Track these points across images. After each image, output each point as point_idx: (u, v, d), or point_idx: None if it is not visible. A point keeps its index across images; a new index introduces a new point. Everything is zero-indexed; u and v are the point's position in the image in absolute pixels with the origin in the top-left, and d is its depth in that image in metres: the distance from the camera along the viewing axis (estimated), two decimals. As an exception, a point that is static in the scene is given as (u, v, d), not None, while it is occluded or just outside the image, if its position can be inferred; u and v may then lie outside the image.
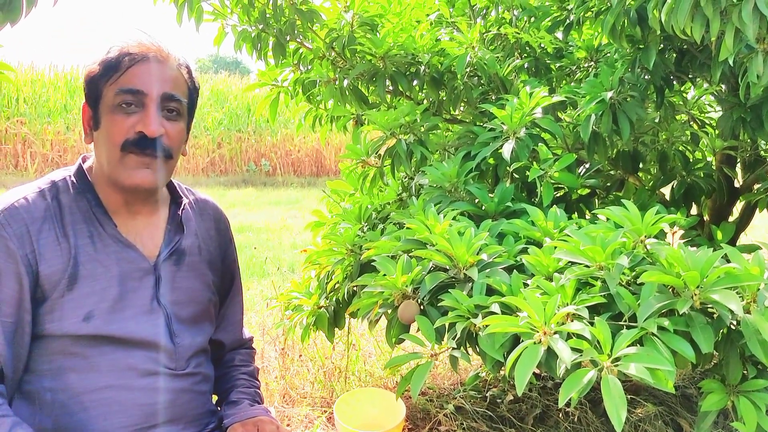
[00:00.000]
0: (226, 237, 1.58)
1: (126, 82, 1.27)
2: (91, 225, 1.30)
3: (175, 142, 1.34)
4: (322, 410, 2.42)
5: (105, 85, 1.29)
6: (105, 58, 1.31)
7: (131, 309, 1.30)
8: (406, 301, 1.50)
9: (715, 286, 1.20)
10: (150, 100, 1.28)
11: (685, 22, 1.55)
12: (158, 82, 1.30)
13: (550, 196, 1.77)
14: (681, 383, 2.59)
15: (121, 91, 1.27)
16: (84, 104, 1.35)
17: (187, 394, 1.37)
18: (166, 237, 1.41)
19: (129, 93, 1.27)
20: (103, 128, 1.29)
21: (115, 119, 1.27)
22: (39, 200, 1.28)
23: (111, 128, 1.28)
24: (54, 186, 1.33)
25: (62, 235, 1.26)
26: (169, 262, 1.39)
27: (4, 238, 1.21)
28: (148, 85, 1.29)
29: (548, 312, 1.19)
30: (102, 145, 1.30)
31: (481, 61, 2.10)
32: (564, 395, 1.10)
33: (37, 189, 1.31)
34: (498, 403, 2.35)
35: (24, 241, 1.23)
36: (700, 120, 2.51)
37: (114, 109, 1.28)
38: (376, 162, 2.20)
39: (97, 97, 1.30)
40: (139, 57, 1.30)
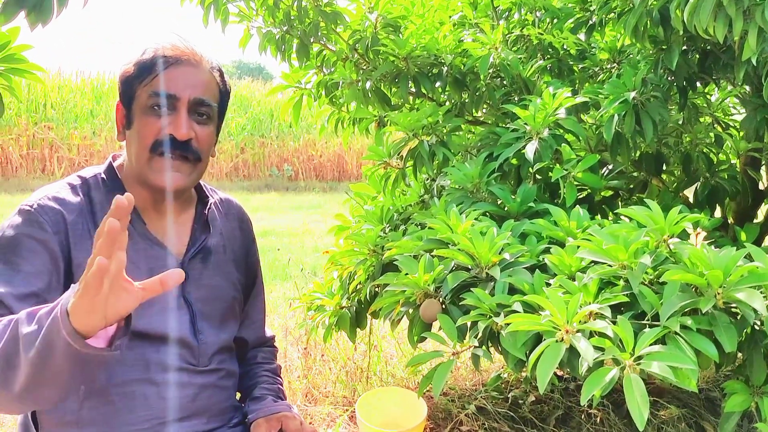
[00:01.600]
0: (250, 236, 1.60)
1: (159, 85, 1.30)
2: None
3: (205, 145, 1.37)
4: (344, 409, 2.43)
5: (138, 86, 1.32)
6: (140, 59, 1.33)
7: (157, 305, 1.32)
8: (428, 299, 1.51)
9: (738, 285, 1.19)
10: (181, 103, 1.31)
11: (708, 21, 1.54)
12: (190, 86, 1.32)
13: (573, 197, 1.77)
14: (705, 386, 2.57)
15: (153, 94, 1.30)
16: (118, 102, 1.37)
17: (210, 389, 1.39)
18: (193, 236, 1.43)
19: (161, 96, 1.30)
20: (135, 128, 1.32)
21: (147, 121, 1.30)
22: (72, 195, 1.31)
23: (142, 129, 1.31)
24: (85, 183, 1.35)
25: (93, 230, 1.28)
26: (195, 260, 1.41)
27: (41, 222, 1.24)
28: (180, 88, 1.31)
29: (570, 310, 1.19)
30: (133, 144, 1.33)
31: (504, 62, 2.10)
32: (586, 393, 1.10)
33: (69, 185, 1.34)
34: (520, 404, 2.35)
35: (59, 227, 1.25)
36: (725, 122, 2.49)
37: (146, 111, 1.30)
38: (398, 164, 2.21)
39: (130, 97, 1.33)
40: (172, 60, 1.32)
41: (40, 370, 0.99)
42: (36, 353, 0.97)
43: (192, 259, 1.40)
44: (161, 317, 1.32)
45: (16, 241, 1.22)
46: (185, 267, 1.37)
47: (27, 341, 0.99)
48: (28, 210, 1.25)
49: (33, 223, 1.24)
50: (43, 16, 1.38)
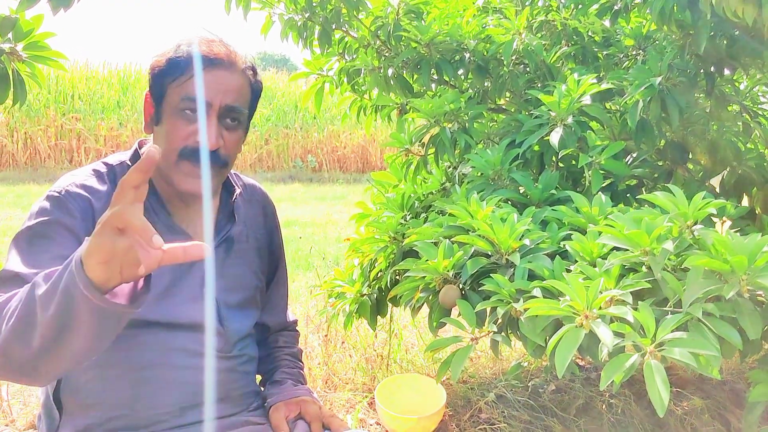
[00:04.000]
0: (273, 222, 1.60)
1: (191, 89, 1.27)
2: (146, 212, 1.31)
3: (232, 151, 1.34)
4: (363, 395, 2.43)
5: (170, 85, 1.29)
6: (173, 56, 1.29)
7: (180, 295, 1.32)
8: (447, 285, 1.50)
9: (763, 272, 1.17)
10: (213, 110, 1.28)
11: (737, 3, 1.51)
12: (222, 92, 1.28)
13: (599, 184, 1.75)
14: (729, 377, 2.54)
15: (185, 98, 1.26)
16: (147, 94, 1.35)
17: (232, 374, 1.39)
18: (218, 225, 1.43)
19: (193, 101, 1.26)
20: (164, 128, 1.30)
21: (177, 124, 1.28)
22: (98, 182, 1.31)
23: (171, 132, 1.28)
24: (111, 170, 1.35)
25: None
26: (219, 250, 1.41)
27: (70, 209, 1.24)
28: (213, 94, 1.27)
29: (590, 296, 1.18)
30: (160, 142, 1.31)
31: (528, 48, 2.08)
32: (605, 379, 1.09)
33: (96, 172, 1.34)
34: (540, 393, 2.33)
35: (87, 214, 1.25)
36: (753, 111, 2.45)
37: (176, 113, 1.28)
38: (419, 151, 2.19)
39: (161, 94, 1.30)
40: (206, 62, 1.28)
41: (60, 327, 0.95)
42: (54, 310, 0.94)
43: (216, 249, 1.40)
44: (185, 307, 1.32)
45: (44, 226, 1.22)
46: None
47: (45, 300, 0.96)
48: (56, 196, 1.26)
49: (62, 208, 1.24)
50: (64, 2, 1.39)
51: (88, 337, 0.98)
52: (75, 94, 13.83)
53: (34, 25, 1.60)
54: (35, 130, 12.93)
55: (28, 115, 12.92)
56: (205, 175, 1.29)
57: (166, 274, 1.30)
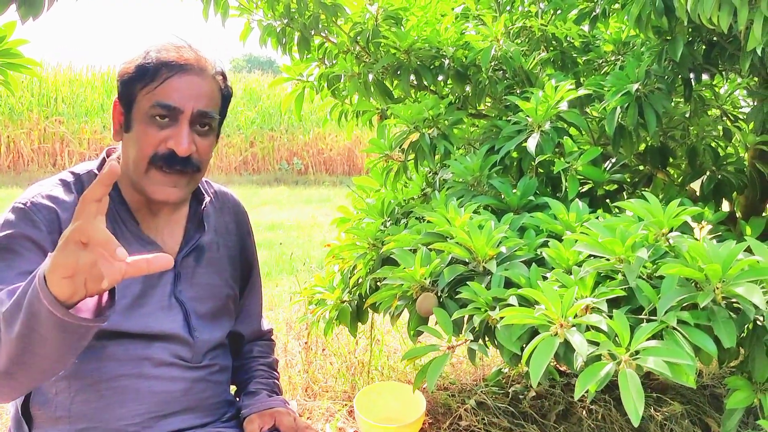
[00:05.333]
0: (245, 229, 1.58)
1: (162, 95, 1.25)
2: (114, 222, 1.30)
3: (205, 156, 1.33)
4: (343, 404, 2.42)
5: (139, 92, 1.27)
6: (142, 63, 1.28)
7: (150, 306, 1.31)
8: (424, 293, 1.50)
9: (738, 280, 1.17)
10: (184, 117, 1.27)
11: (712, 10, 1.51)
12: (194, 98, 1.27)
13: (575, 190, 1.75)
14: (709, 382, 2.54)
15: (156, 105, 1.25)
16: (116, 101, 1.33)
17: (202, 384, 1.38)
18: (187, 234, 1.41)
19: (164, 107, 1.25)
20: (134, 135, 1.28)
21: (147, 131, 1.26)
22: (65, 193, 1.29)
23: (141, 138, 1.26)
24: (78, 179, 1.33)
25: None
26: (188, 259, 1.40)
27: (35, 221, 1.22)
28: (184, 101, 1.26)
29: (565, 304, 1.17)
30: (130, 150, 1.29)
31: (506, 54, 2.08)
32: (580, 388, 1.09)
33: (62, 182, 1.31)
34: (520, 399, 2.33)
35: (54, 226, 1.23)
36: (733, 115, 2.46)
37: (147, 119, 1.26)
38: (399, 156, 2.19)
39: (130, 101, 1.29)
40: (176, 68, 1.27)
41: (26, 344, 0.96)
42: (20, 327, 0.94)
43: (185, 258, 1.39)
44: (153, 317, 1.31)
45: (9, 239, 1.20)
46: (178, 266, 1.36)
47: (8, 317, 0.96)
48: (21, 208, 1.23)
49: (27, 221, 1.22)
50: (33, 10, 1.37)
51: (54, 352, 0.98)
52: (58, 97, 13.74)
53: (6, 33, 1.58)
54: (18, 133, 12.83)
55: (11, 119, 12.83)
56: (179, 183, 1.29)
57: (135, 285, 1.29)
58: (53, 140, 13.22)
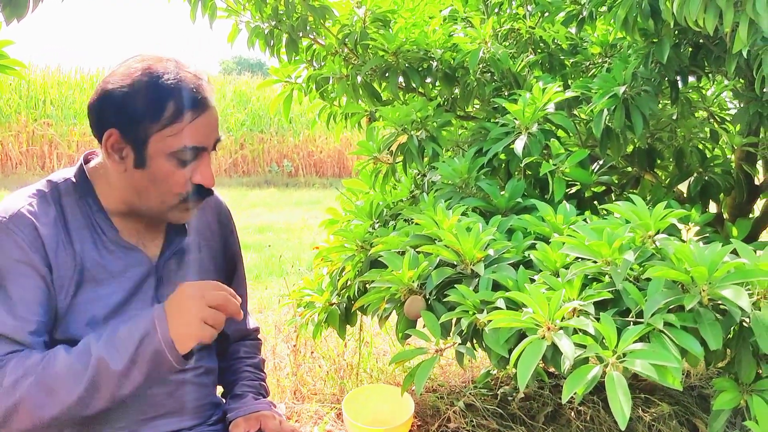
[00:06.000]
0: (228, 228, 1.57)
1: (190, 138, 1.22)
2: (93, 231, 1.28)
3: None
4: (331, 406, 2.42)
5: (158, 132, 1.21)
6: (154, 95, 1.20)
7: (132, 311, 1.30)
8: (412, 296, 1.49)
9: (724, 282, 1.17)
10: (208, 152, 1.27)
11: (698, 12, 1.52)
12: (214, 131, 1.27)
13: (561, 192, 1.75)
14: (697, 383, 2.55)
15: (185, 149, 1.22)
16: (114, 133, 1.22)
17: (188, 386, 1.37)
18: (168, 237, 1.40)
19: (193, 150, 1.23)
20: (152, 173, 1.24)
21: (173, 173, 1.24)
22: (44, 205, 1.26)
23: (166, 181, 1.24)
24: (56, 189, 1.29)
25: (68, 241, 1.24)
26: (171, 263, 1.38)
27: (19, 243, 1.19)
28: (209, 138, 1.25)
29: (552, 307, 1.18)
30: (148, 186, 1.26)
31: (493, 57, 2.08)
32: (567, 391, 1.09)
33: (38, 193, 1.28)
34: (509, 401, 2.33)
35: (37, 246, 1.21)
36: (720, 117, 2.47)
37: (170, 160, 1.23)
38: (388, 159, 2.19)
39: (141, 138, 1.22)
40: (200, 108, 1.23)
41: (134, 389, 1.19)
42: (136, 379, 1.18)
43: (167, 262, 1.38)
44: None
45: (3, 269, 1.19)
46: (160, 270, 1.35)
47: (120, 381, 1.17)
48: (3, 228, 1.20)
49: (11, 243, 1.19)
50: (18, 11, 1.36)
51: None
52: (47, 99, 13.67)
53: (-10, 35, 1.57)
54: (6, 135, 12.76)
55: (-1, 121, 12.76)
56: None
57: (117, 294, 1.28)
58: (42, 143, 13.15)
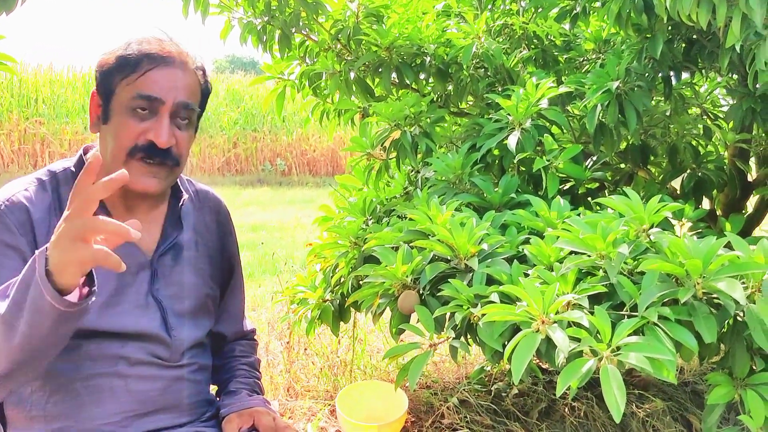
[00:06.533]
0: (226, 228, 1.56)
1: (143, 86, 1.25)
2: None
3: (184, 150, 1.33)
4: (325, 403, 2.41)
5: (119, 83, 1.26)
6: (123, 54, 1.27)
7: (125, 304, 1.29)
8: (405, 291, 1.49)
9: (718, 275, 1.17)
10: (165, 108, 1.26)
11: (691, 7, 1.52)
12: (174, 89, 1.27)
13: (555, 187, 1.75)
14: (691, 378, 2.56)
15: (137, 96, 1.24)
16: (94, 92, 1.31)
17: (181, 383, 1.36)
18: (164, 232, 1.39)
19: (145, 99, 1.24)
20: (112, 126, 1.27)
21: (127, 123, 1.25)
22: (40, 192, 1.27)
23: (121, 130, 1.25)
24: (54, 178, 1.31)
25: None
26: (166, 257, 1.38)
27: (8, 225, 1.21)
28: (165, 92, 1.26)
29: (546, 300, 1.17)
30: (108, 141, 1.28)
31: (487, 52, 2.08)
32: (561, 384, 1.08)
33: (37, 181, 1.30)
34: (503, 397, 2.33)
35: (26, 229, 1.22)
36: (713, 113, 2.47)
37: (127, 111, 1.25)
38: (381, 155, 2.18)
39: (109, 92, 1.27)
40: (158, 60, 1.26)
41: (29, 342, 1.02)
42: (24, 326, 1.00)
43: (162, 256, 1.37)
44: (130, 316, 1.29)
45: None
46: (154, 264, 1.35)
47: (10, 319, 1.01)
48: None
49: (2, 225, 1.21)
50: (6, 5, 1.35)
51: (52, 345, 1.06)
52: (39, 98, 13.61)
53: (-20, 29, 1.55)
54: (-2, 134, 12.71)
55: (-10, 120, 12.70)
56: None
57: (109, 283, 1.27)
58: (33, 141, 13.09)
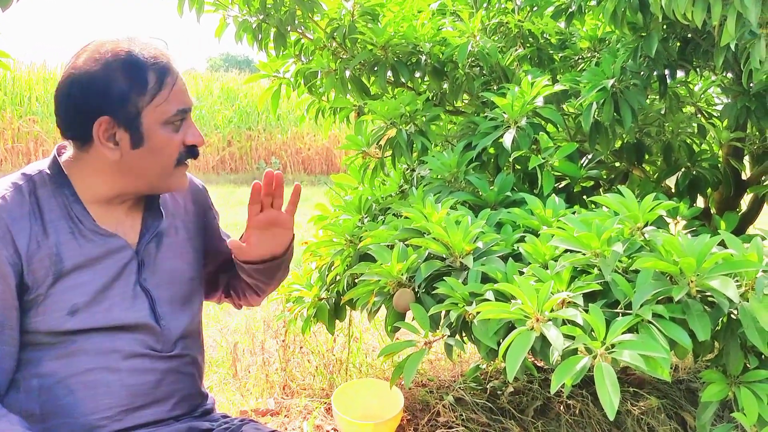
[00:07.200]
0: (205, 204, 1.57)
1: (177, 101, 1.27)
2: (69, 221, 1.28)
3: None
4: (321, 401, 2.41)
5: (147, 105, 1.24)
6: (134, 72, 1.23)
7: (115, 297, 1.29)
8: (401, 289, 1.49)
9: (712, 273, 1.18)
10: (190, 112, 1.32)
11: (686, 6, 1.52)
12: (188, 92, 1.32)
13: (550, 185, 1.75)
14: (685, 376, 2.56)
15: (177, 112, 1.27)
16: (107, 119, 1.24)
17: (173, 375, 1.36)
18: (145, 223, 1.40)
19: (184, 112, 1.29)
20: (152, 147, 1.27)
21: (170, 138, 1.28)
22: (17, 198, 1.25)
23: (165, 147, 1.28)
24: (30, 181, 1.29)
25: (43, 232, 1.24)
26: (150, 246, 1.38)
27: None
28: (189, 99, 1.31)
29: (541, 298, 1.18)
30: (149, 162, 1.29)
31: (482, 51, 2.08)
32: (556, 382, 1.09)
33: (13, 186, 1.27)
34: (498, 395, 2.33)
35: (6, 241, 1.20)
36: (708, 112, 2.48)
37: (165, 128, 1.27)
38: (377, 153, 2.18)
39: (133, 115, 1.24)
40: (175, 71, 1.29)
41: None
42: None
43: (147, 246, 1.37)
44: (119, 308, 1.29)
45: None
46: (140, 255, 1.35)
47: None
48: None
49: None
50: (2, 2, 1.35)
51: None
52: (32, 96, 13.56)
53: (-25, 26, 1.55)
54: (-9, 133, 12.67)
55: (-16, 118, 12.66)
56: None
57: (98, 279, 1.27)
58: (27, 140, 13.04)
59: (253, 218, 1.43)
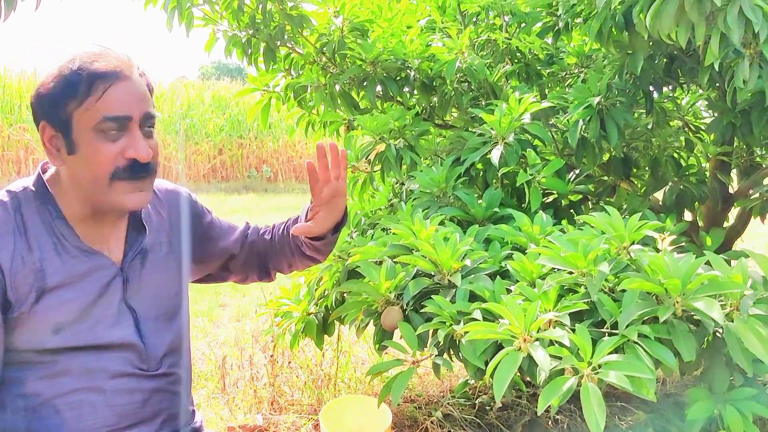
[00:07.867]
0: (194, 210, 1.55)
1: (106, 108, 1.20)
2: (54, 237, 1.27)
3: (156, 156, 1.30)
4: (309, 417, 2.40)
5: (75, 110, 1.21)
6: (67, 77, 1.21)
7: (99, 315, 1.28)
8: (389, 307, 1.49)
9: (697, 294, 1.19)
10: (134, 123, 1.23)
11: (671, 26, 1.54)
12: (136, 102, 1.24)
13: (538, 201, 1.76)
14: (673, 391, 2.57)
15: (104, 119, 1.20)
16: (44, 124, 1.24)
17: (160, 394, 1.35)
18: (129, 239, 1.39)
19: (113, 120, 1.21)
20: (83, 155, 1.23)
21: (101, 148, 1.21)
22: (2, 214, 1.24)
23: (95, 157, 1.22)
24: (15, 198, 1.28)
25: (27, 249, 1.23)
26: (135, 263, 1.37)
27: None
28: (130, 107, 1.23)
29: (528, 318, 1.18)
30: (82, 170, 1.24)
31: (470, 67, 2.09)
32: (543, 402, 1.09)
33: None
34: (487, 411, 2.33)
35: None
36: (695, 126, 2.50)
37: (96, 136, 1.21)
38: (366, 167, 2.19)
39: (64, 121, 1.22)
40: (111, 77, 1.22)
41: None
42: None
43: (131, 263, 1.36)
44: (104, 327, 1.28)
45: None
46: (125, 272, 1.34)
47: None
48: None
49: None
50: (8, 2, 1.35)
51: None
52: (22, 104, 13.50)
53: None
54: (-20, 141, 12.61)
55: (-27, 127, 12.60)
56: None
57: (82, 298, 1.26)
58: (17, 148, 12.98)
59: (318, 196, 1.41)
